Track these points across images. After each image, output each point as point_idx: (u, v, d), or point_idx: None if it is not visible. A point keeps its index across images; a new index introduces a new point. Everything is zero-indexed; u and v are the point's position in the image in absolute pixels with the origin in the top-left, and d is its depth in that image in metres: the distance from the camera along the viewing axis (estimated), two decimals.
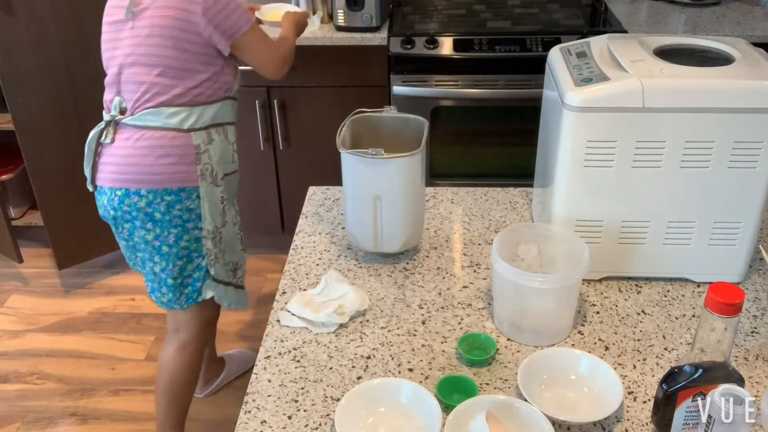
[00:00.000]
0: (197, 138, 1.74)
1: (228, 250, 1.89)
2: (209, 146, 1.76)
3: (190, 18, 1.65)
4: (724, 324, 0.91)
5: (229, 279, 1.93)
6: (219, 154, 1.79)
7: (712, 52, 1.33)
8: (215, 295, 1.89)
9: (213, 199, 1.79)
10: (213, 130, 1.77)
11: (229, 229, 1.87)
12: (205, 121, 1.74)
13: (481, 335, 1.23)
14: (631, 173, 1.26)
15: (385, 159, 1.31)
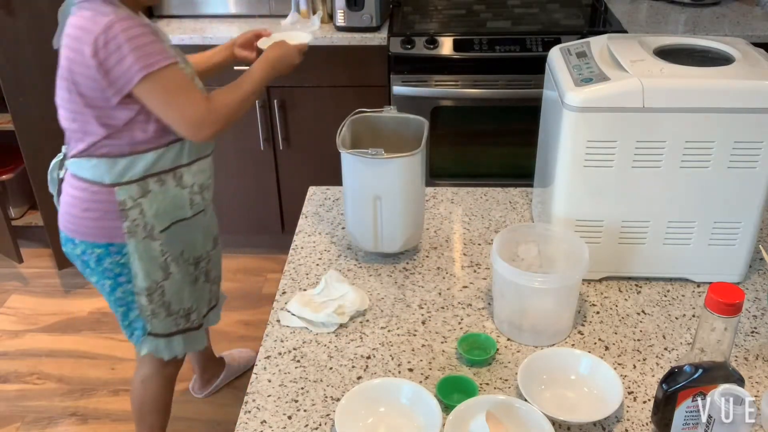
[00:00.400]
0: (122, 193, 1.54)
1: (175, 300, 1.72)
2: (142, 200, 1.56)
3: (83, 60, 1.41)
4: (724, 324, 0.91)
5: (176, 328, 1.77)
6: (159, 206, 1.59)
7: (712, 52, 1.33)
8: (152, 351, 1.76)
9: (148, 255, 1.62)
10: (151, 181, 1.56)
11: (175, 279, 1.70)
12: (135, 173, 1.54)
13: (481, 335, 1.23)
14: (631, 173, 1.26)
15: (385, 159, 1.31)
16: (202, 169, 1.67)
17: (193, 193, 1.66)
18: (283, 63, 1.69)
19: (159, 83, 1.43)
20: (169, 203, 1.61)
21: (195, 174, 1.65)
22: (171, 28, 2.69)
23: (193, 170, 1.64)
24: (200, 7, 2.77)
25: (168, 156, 1.56)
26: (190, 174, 1.63)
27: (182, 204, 1.64)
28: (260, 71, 1.64)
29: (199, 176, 1.67)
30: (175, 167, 1.59)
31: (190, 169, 1.63)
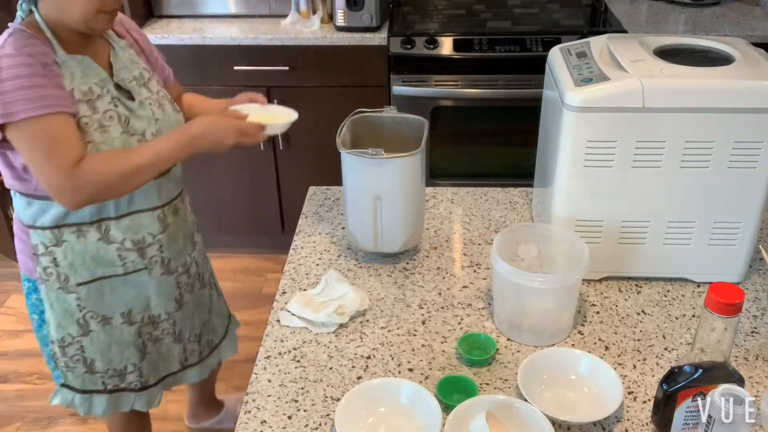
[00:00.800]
0: (35, 237, 1.44)
1: (101, 358, 1.57)
2: (55, 248, 1.44)
3: None
4: (724, 324, 0.91)
5: (100, 387, 1.60)
6: (75, 258, 1.45)
7: (712, 52, 1.33)
8: (63, 404, 1.61)
9: (61, 307, 1.50)
10: (66, 230, 1.42)
11: (98, 337, 1.54)
12: (46, 220, 1.42)
13: (481, 335, 1.23)
14: (631, 173, 1.26)
15: (385, 159, 1.31)
16: (139, 225, 1.47)
17: (125, 249, 1.47)
18: (207, 141, 1.37)
19: (22, 135, 1.28)
20: (89, 257, 1.46)
21: (126, 229, 1.45)
22: (171, 28, 2.69)
23: (124, 225, 1.45)
24: (200, 7, 2.77)
25: (86, 207, 1.39)
26: (118, 229, 1.45)
27: (108, 260, 1.47)
28: (170, 144, 1.36)
29: (134, 232, 1.47)
30: (99, 220, 1.43)
31: (119, 224, 1.45)
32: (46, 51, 1.31)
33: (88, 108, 1.34)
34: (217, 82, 2.67)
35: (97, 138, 1.35)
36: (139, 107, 1.42)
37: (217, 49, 2.62)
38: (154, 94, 1.48)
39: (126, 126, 1.38)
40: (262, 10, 2.77)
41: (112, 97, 1.38)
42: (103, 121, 1.35)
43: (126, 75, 1.44)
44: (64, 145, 1.29)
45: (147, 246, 1.50)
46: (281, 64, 2.64)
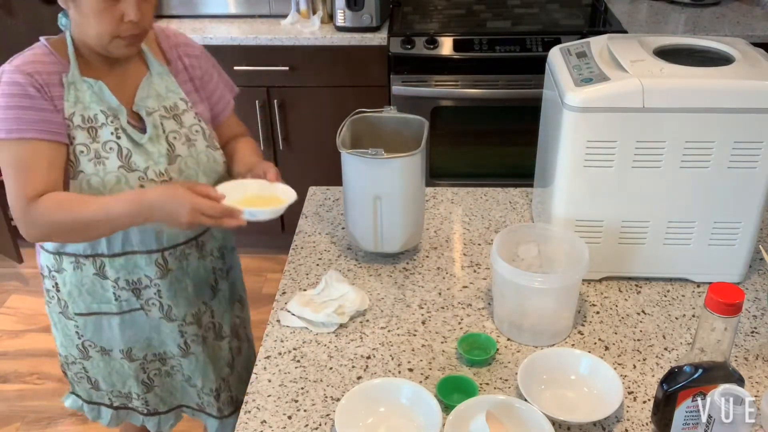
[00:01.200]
0: (43, 257, 1.43)
1: (105, 381, 1.53)
2: (57, 274, 1.41)
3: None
4: (724, 324, 0.91)
5: (106, 402, 1.58)
6: (73, 288, 1.41)
7: (712, 52, 1.33)
8: (73, 408, 1.61)
9: (63, 330, 1.49)
10: (66, 259, 1.38)
11: (99, 365, 1.51)
12: (50, 244, 1.39)
13: (481, 335, 1.23)
14: (631, 173, 1.26)
15: (385, 159, 1.31)
16: (134, 266, 1.38)
17: (120, 288, 1.40)
18: (161, 213, 1.22)
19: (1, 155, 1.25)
20: (85, 290, 1.41)
21: (120, 268, 1.38)
22: None
23: (117, 264, 1.38)
24: (200, 7, 2.77)
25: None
26: (113, 267, 1.38)
27: (104, 296, 1.41)
28: (123, 207, 1.23)
29: (128, 272, 1.39)
30: (94, 254, 1.37)
31: (113, 262, 1.37)
32: (55, 71, 1.26)
33: (87, 135, 1.28)
34: None
35: (89, 169, 1.27)
36: (148, 142, 1.32)
37: (217, 49, 2.62)
38: (185, 128, 1.37)
39: (125, 160, 1.29)
40: (262, 10, 2.77)
41: (116, 128, 1.30)
42: (101, 151, 1.28)
43: (152, 104, 1.34)
44: (29, 174, 1.23)
45: (143, 288, 1.42)
46: (281, 64, 2.64)
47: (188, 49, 1.45)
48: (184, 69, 1.42)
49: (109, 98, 1.30)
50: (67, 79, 1.27)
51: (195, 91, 1.43)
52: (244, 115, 2.71)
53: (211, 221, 1.21)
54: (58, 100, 1.26)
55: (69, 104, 1.27)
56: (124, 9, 1.22)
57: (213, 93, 1.48)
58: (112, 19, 1.22)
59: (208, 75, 1.47)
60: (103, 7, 1.21)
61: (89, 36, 1.25)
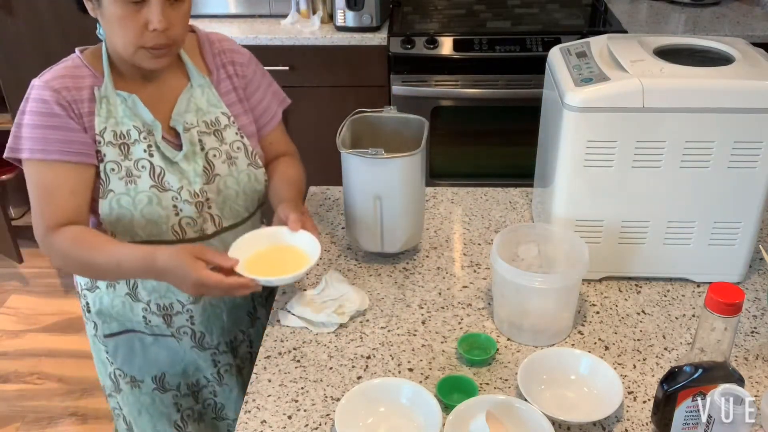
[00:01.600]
0: (78, 276, 1.39)
1: (138, 426, 1.46)
2: (88, 292, 1.37)
3: None
4: (724, 324, 0.91)
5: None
6: (104, 307, 1.36)
7: (712, 52, 1.33)
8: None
9: (98, 356, 1.43)
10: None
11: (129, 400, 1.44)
12: None
13: (481, 335, 1.23)
14: (631, 173, 1.26)
15: (385, 159, 1.31)
16: (166, 289, 1.33)
17: (150, 312, 1.35)
18: (168, 278, 1.18)
19: (26, 172, 1.23)
20: (116, 310, 1.36)
21: (152, 291, 1.34)
22: None
23: (149, 286, 1.33)
24: (200, 7, 2.77)
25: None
26: (145, 289, 1.33)
27: (134, 317, 1.36)
28: (134, 261, 1.18)
29: (159, 296, 1.34)
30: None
31: (145, 284, 1.33)
32: (86, 85, 1.22)
33: (119, 152, 1.23)
34: None
35: (120, 188, 1.23)
36: (183, 159, 1.26)
37: None
38: (226, 144, 1.31)
39: (158, 180, 1.24)
40: (262, 10, 2.77)
41: (149, 145, 1.24)
42: (133, 170, 1.23)
43: (191, 119, 1.28)
44: (52, 200, 1.20)
45: (174, 314, 1.36)
46: (281, 64, 2.64)
47: (234, 56, 1.37)
48: (228, 78, 1.35)
49: (143, 113, 1.24)
50: (99, 92, 1.22)
51: (238, 101, 1.35)
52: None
53: (219, 294, 1.16)
54: (88, 117, 1.21)
55: (101, 119, 1.22)
56: (148, 16, 1.14)
57: (258, 104, 1.39)
58: (135, 27, 1.15)
59: (254, 84, 1.39)
60: (124, 13, 1.14)
61: (116, 46, 1.20)
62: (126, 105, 1.24)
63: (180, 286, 1.17)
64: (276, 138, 1.45)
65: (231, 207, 1.33)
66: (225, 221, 1.33)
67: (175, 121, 1.27)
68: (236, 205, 1.34)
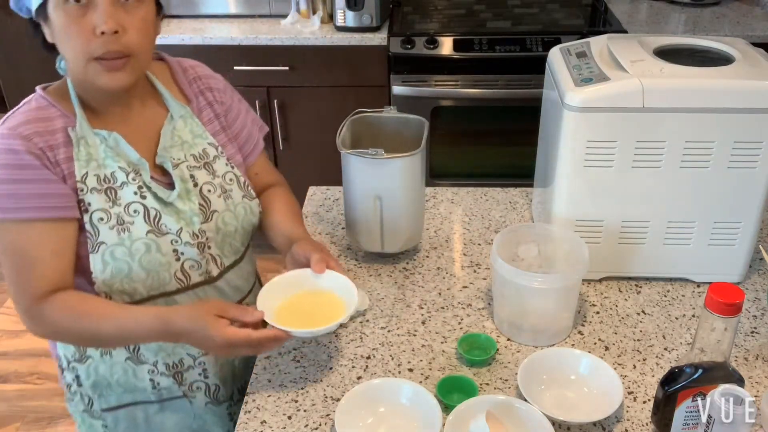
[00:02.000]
0: (60, 347, 1.23)
1: None
2: (78, 364, 1.21)
3: None
4: (724, 324, 0.91)
5: None
6: (99, 379, 1.22)
7: (712, 52, 1.33)
8: None
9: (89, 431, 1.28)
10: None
11: None
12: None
13: (481, 335, 1.23)
14: (631, 173, 1.26)
15: (385, 159, 1.31)
16: (173, 345, 1.19)
17: (158, 374, 1.21)
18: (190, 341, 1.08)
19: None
20: (115, 380, 1.21)
21: (158, 351, 1.20)
22: (171, 28, 2.69)
23: (155, 346, 1.19)
24: (200, 7, 2.77)
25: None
26: (149, 349, 1.20)
27: (138, 384, 1.22)
28: (142, 327, 1.07)
29: (167, 354, 1.21)
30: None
31: (149, 345, 1.19)
32: (59, 127, 1.08)
33: (106, 199, 1.09)
34: None
35: (112, 239, 1.09)
36: (178, 199, 1.14)
37: (217, 49, 2.62)
38: (218, 177, 1.20)
39: (154, 223, 1.11)
40: (262, 10, 2.77)
41: (139, 186, 1.11)
42: (124, 216, 1.10)
43: (177, 154, 1.17)
44: (33, 266, 1.05)
45: (185, 370, 1.23)
46: (281, 64, 2.64)
47: (210, 82, 1.27)
48: (208, 105, 1.24)
49: (127, 151, 1.12)
50: (75, 133, 1.09)
51: (222, 130, 1.25)
52: None
53: (249, 352, 1.07)
54: (66, 164, 1.07)
55: (80, 164, 1.08)
56: (94, 20, 1.01)
57: (241, 131, 1.29)
58: (81, 33, 1.01)
59: (234, 111, 1.29)
60: (68, 19, 1.01)
61: (71, 68, 1.07)
62: (107, 145, 1.11)
63: (204, 348, 1.09)
64: (261, 168, 1.35)
65: (231, 244, 1.23)
66: (226, 260, 1.23)
67: (161, 157, 1.15)
68: (235, 241, 1.24)
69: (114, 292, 1.12)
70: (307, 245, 1.19)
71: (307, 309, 1.12)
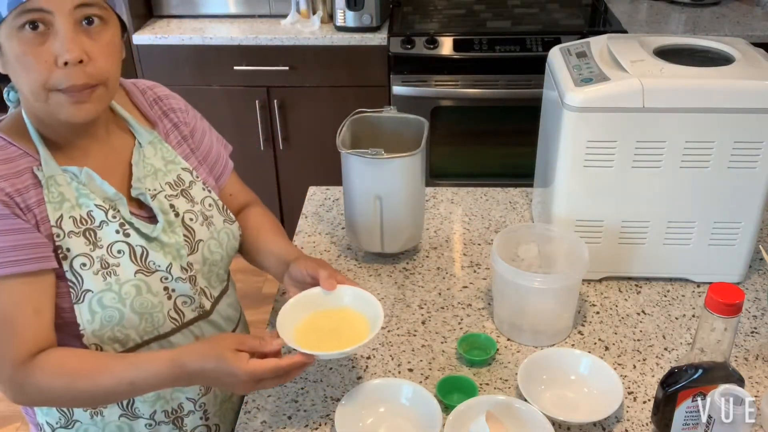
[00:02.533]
0: (41, 415, 1.12)
1: None
2: (64, 430, 1.11)
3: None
4: (724, 324, 0.91)
5: None
6: None
7: (712, 52, 1.33)
8: None
9: None
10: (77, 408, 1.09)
11: None
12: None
13: (481, 335, 1.23)
14: (631, 173, 1.26)
15: (385, 159, 1.31)
16: (171, 391, 1.12)
17: (156, 425, 1.13)
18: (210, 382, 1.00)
19: None
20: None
21: (155, 401, 1.11)
22: (171, 28, 2.69)
23: (151, 397, 1.10)
24: (200, 7, 2.78)
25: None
26: (145, 402, 1.10)
27: None
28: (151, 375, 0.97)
29: (166, 401, 1.12)
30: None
31: (146, 396, 1.10)
32: (23, 168, 0.97)
33: (86, 242, 0.99)
34: (217, 82, 2.67)
35: (98, 285, 0.99)
36: (163, 232, 1.06)
37: (217, 49, 2.62)
38: (198, 204, 1.12)
39: (142, 262, 1.03)
40: (262, 10, 2.77)
41: (120, 223, 1.02)
42: (108, 258, 1.00)
43: (153, 184, 1.08)
44: (13, 328, 0.95)
45: (185, 415, 1.15)
46: (281, 64, 2.64)
47: (171, 102, 1.18)
48: (174, 127, 1.16)
49: (103, 187, 1.02)
50: (41, 173, 0.98)
51: (191, 152, 1.18)
52: (244, 115, 2.72)
53: (276, 383, 0.98)
54: (38, 207, 0.97)
55: (53, 206, 0.98)
56: (55, 49, 0.91)
57: (209, 152, 1.22)
58: (41, 64, 0.91)
59: (199, 131, 1.21)
60: (24, 48, 0.91)
61: (28, 101, 0.96)
62: (78, 182, 1.01)
63: (225, 387, 1.01)
64: (234, 188, 1.29)
65: (217, 273, 1.16)
66: (214, 291, 1.16)
67: (137, 189, 1.06)
68: (220, 270, 1.17)
69: (105, 342, 1.03)
70: (308, 263, 1.12)
71: (327, 328, 1.06)
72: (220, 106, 2.68)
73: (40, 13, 0.89)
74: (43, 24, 0.90)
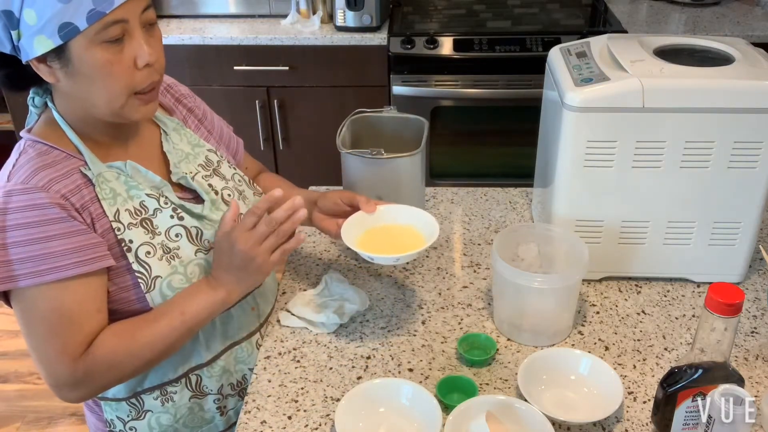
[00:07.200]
0: (109, 411, 1.14)
1: None
2: (136, 422, 1.14)
3: None
4: (724, 324, 0.91)
5: None
6: (166, 429, 1.17)
7: (712, 52, 1.33)
8: None
9: None
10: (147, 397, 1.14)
11: None
12: (121, 389, 1.12)
13: (481, 335, 1.23)
14: (631, 173, 1.26)
15: (385, 159, 1.31)
16: (236, 359, 1.18)
17: (224, 398, 1.19)
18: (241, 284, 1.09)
19: (19, 306, 0.98)
20: (182, 423, 1.17)
21: (221, 375, 1.17)
22: (171, 28, 2.69)
23: (219, 368, 1.16)
24: (200, 7, 2.78)
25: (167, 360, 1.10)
26: (212, 376, 1.16)
27: (206, 416, 1.18)
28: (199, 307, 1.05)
29: (230, 374, 1.19)
30: (188, 371, 1.14)
31: (213, 369, 1.16)
32: (71, 169, 1.00)
33: (144, 232, 1.03)
34: (217, 82, 2.68)
35: (165, 270, 1.04)
36: (210, 209, 1.11)
37: (217, 49, 2.63)
38: (230, 181, 1.18)
39: (199, 240, 1.08)
40: (262, 10, 2.77)
41: (173, 208, 1.07)
42: (168, 243, 1.05)
43: (188, 168, 1.13)
44: (75, 328, 0.98)
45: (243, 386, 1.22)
46: (281, 64, 2.64)
47: (180, 89, 1.24)
48: (189, 113, 1.21)
49: (148, 176, 1.07)
50: (90, 172, 1.01)
51: (209, 134, 1.24)
52: (244, 115, 2.72)
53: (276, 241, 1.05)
54: (92, 205, 1.01)
55: (108, 202, 1.02)
56: (134, 52, 0.96)
57: (221, 132, 1.29)
58: (123, 70, 0.96)
59: (207, 114, 1.27)
60: (108, 56, 0.94)
61: (96, 107, 0.99)
62: (125, 176, 1.05)
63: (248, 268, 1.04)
64: (248, 161, 1.38)
65: None
66: None
67: (176, 174, 1.11)
68: None
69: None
70: (342, 193, 1.22)
71: (385, 241, 1.18)
72: (220, 106, 2.66)
73: (120, 23, 0.95)
74: (123, 32, 0.96)
